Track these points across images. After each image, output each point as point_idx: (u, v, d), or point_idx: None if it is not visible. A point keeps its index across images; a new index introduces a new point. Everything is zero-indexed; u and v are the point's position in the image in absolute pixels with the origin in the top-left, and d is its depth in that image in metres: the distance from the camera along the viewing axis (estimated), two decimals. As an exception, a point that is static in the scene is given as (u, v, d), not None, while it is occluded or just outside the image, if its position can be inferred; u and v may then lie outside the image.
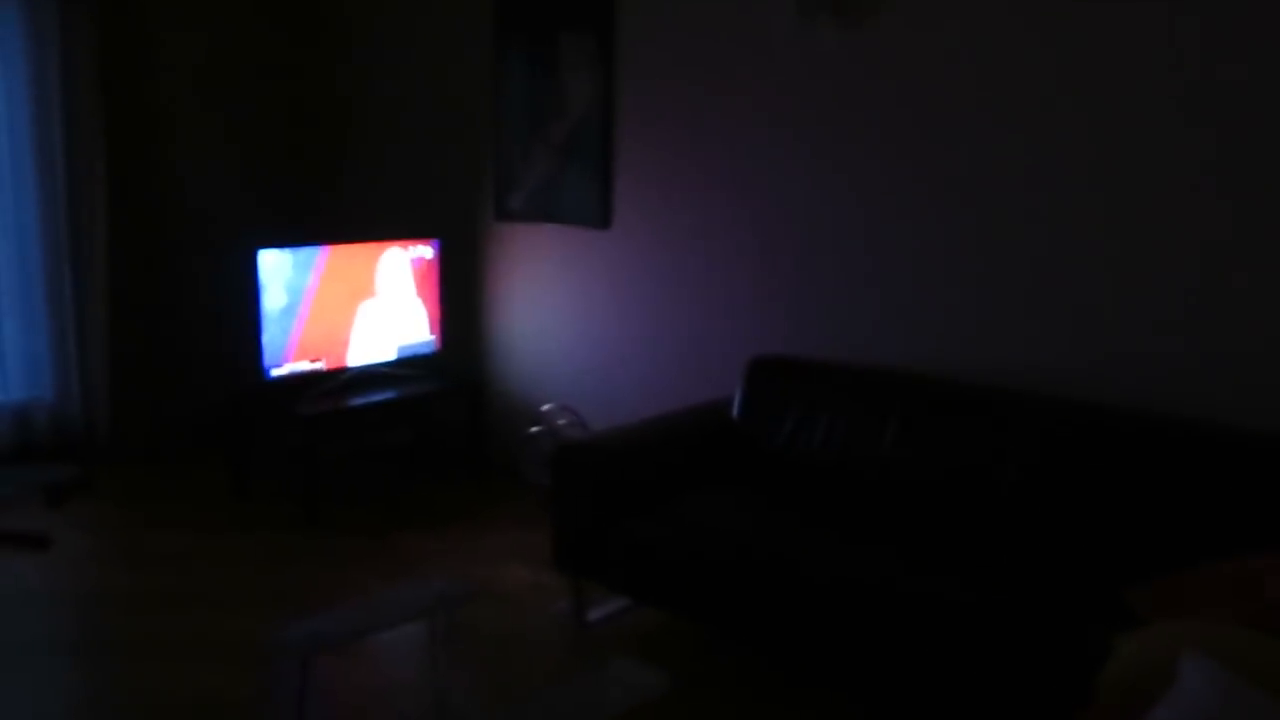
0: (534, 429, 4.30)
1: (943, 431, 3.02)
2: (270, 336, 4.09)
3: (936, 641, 2.44)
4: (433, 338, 4.63)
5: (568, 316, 4.36)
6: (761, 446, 3.36)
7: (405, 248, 4.48)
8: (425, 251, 4.55)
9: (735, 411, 3.49)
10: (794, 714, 2.78)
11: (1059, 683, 2.16)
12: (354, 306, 4.35)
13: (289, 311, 4.14)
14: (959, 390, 3.10)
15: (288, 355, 4.16)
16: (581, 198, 4.21)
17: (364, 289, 4.37)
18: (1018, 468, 2.84)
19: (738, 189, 3.73)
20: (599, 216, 4.16)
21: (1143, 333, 2.90)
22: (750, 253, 3.72)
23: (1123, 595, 2.33)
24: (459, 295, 4.71)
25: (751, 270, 3.73)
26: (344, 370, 4.36)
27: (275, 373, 4.13)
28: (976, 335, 3.22)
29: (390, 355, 4.49)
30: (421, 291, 4.56)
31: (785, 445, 3.31)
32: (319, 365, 4.27)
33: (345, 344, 4.35)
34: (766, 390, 3.45)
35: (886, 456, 3.09)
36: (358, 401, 4.27)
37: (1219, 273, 2.76)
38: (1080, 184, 2.97)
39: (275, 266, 4.08)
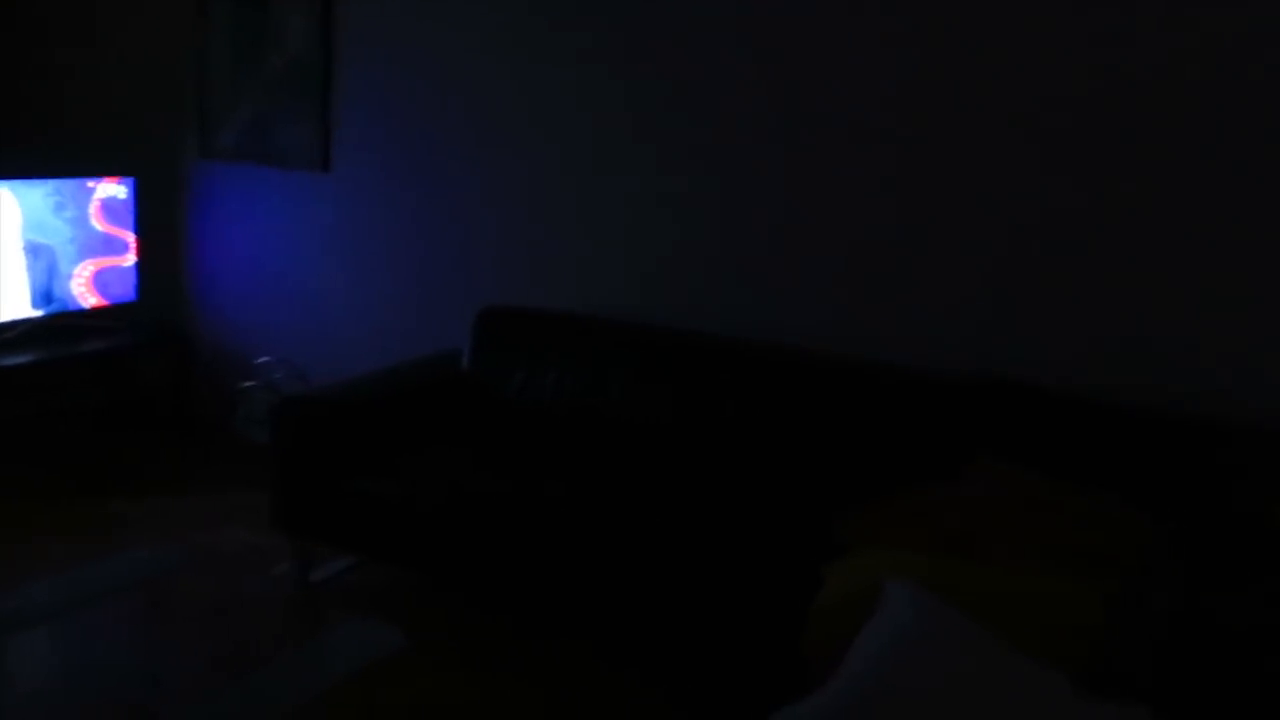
0: (248, 384, 4.06)
1: (666, 376, 3.14)
2: (-70, 283, 3.60)
3: (663, 580, 2.56)
4: (130, 286, 4.24)
5: (285, 264, 4.13)
6: (494, 396, 3.36)
7: (93, 185, 4.07)
8: (119, 191, 4.15)
9: (466, 362, 3.46)
10: (527, 665, 2.82)
11: (781, 614, 2.32)
12: (32, 250, 3.90)
13: (-46, 255, 3.66)
14: (680, 337, 3.22)
15: (-47, 304, 3.69)
16: (298, 138, 3.97)
17: (44, 230, 3.93)
18: (737, 411, 3.01)
19: (466, 134, 3.66)
20: (317, 159, 3.95)
21: (847, 284, 3.14)
22: (478, 199, 3.67)
23: (832, 526, 2.53)
24: (160, 240, 4.33)
25: (479, 217, 3.68)
26: (22, 322, 3.91)
27: (-62, 324, 3.66)
28: (693, 285, 3.35)
29: (79, 305, 4.08)
30: (115, 235, 4.15)
31: (517, 395, 3.32)
32: (-8, 316, 3.81)
33: (23, 292, 3.90)
34: (496, 341, 3.44)
35: (615, 402, 3.18)
36: (40, 356, 3.85)
37: (916, 229, 3.03)
38: (808, 146, 3.12)
39: (-65, 203, 3.59)
